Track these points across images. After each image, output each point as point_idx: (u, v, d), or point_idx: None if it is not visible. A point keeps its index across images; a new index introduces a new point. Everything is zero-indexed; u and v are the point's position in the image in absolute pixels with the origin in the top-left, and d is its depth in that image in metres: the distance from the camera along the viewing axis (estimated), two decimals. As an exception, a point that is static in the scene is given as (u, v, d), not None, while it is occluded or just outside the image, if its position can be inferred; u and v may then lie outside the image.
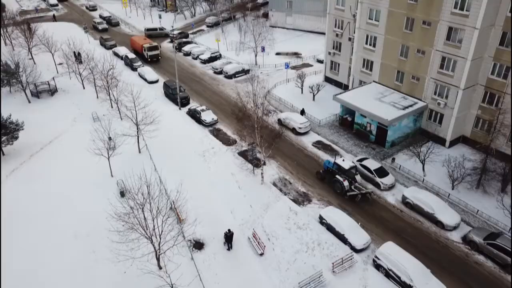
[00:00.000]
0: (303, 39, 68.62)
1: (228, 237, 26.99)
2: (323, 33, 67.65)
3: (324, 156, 37.57)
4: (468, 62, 33.76)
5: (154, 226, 23.36)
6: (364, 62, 44.06)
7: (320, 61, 59.24)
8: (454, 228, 28.90)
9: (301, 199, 32.50)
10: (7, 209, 31.05)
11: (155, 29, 71.95)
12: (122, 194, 31.98)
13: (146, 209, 24.04)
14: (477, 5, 31.85)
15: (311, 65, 59.07)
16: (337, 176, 32.55)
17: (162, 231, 23.79)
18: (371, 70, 43.47)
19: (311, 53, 62.33)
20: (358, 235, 27.83)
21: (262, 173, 33.46)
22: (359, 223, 28.78)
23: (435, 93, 37.64)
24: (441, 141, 37.98)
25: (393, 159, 36.34)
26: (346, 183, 31.88)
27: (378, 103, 39.22)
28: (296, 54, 62.77)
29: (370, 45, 42.56)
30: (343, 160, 32.92)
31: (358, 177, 32.62)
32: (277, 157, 37.03)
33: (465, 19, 33.04)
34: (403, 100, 39.28)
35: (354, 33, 45.13)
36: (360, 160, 35.10)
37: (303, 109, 43.33)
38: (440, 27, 35.02)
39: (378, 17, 40.45)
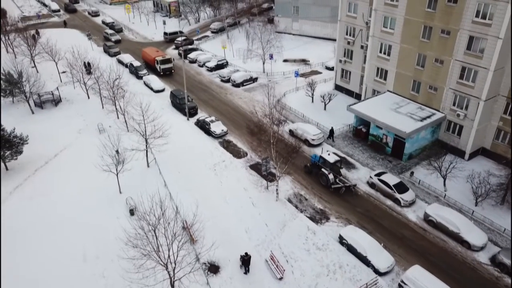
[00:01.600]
0: (310, 45, 67.41)
1: (245, 261, 25.62)
2: (330, 39, 67.25)
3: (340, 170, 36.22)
4: (491, 72, 32.49)
5: (169, 251, 21.98)
6: (377, 71, 42.80)
7: (329, 68, 58.10)
8: (481, 248, 27.54)
9: (319, 217, 31.14)
10: (11, 228, 29.67)
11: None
12: (132, 212, 30.63)
13: (160, 232, 22.75)
14: (501, 14, 30.62)
15: (320, 73, 57.83)
16: (322, 169, 33.92)
17: (177, 256, 22.42)
18: (385, 79, 42.20)
19: (319, 60, 61.12)
20: (381, 256, 26.46)
21: (277, 189, 32.10)
22: (382, 244, 27.41)
23: (454, 104, 36.34)
24: (460, 153, 36.65)
25: (412, 173, 35.01)
26: (331, 176, 33.30)
27: (394, 114, 37.91)
28: (304, 61, 61.52)
29: (384, 53, 41.30)
30: (329, 154, 34.37)
31: (342, 171, 34.67)
32: (290, 170, 35.65)
33: (487, 28, 31.78)
34: (420, 111, 37.98)
35: (367, 41, 43.99)
36: (378, 175, 33.76)
37: (332, 128, 40.50)
38: (460, 36, 33.76)
39: (393, 25, 39.20)
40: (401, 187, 32.34)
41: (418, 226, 29.98)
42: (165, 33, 72.31)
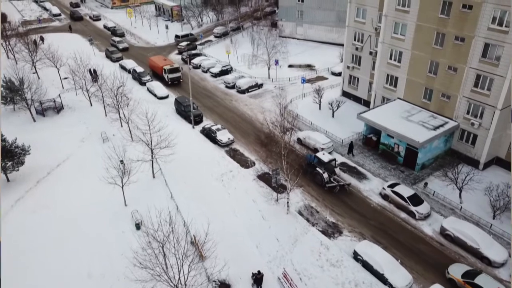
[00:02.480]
0: (316, 50, 66.45)
1: (258, 279, 24.57)
2: (336, 44, 66.37)
3: (351, 180, 35.22)
4: (507, 81, 31.52)
5: (179, 273, 20.93)
6: (387, 78, 41.83)
7: (335, 74, 57.17)
8: (502, 265, 26.50)
9: (331, 231, 30.09)
10: (12, 243, 28.52)
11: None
12: (138, 226, 29.57)
13: (168, 250, 21.77)
14: (519, 21, 29.72)
15: (326, 78, 56.89)
16: (317, 168, 34.33)
17: (187, 277, 21.39)
18: (395, 86, 41.23)
19: (324, 65, 60.16)
20: (398, 274, 25.41)
21: (288, 202, 31.04)
22: (399, 260, 26.36)
23: (468, 113, 35.36)
24: (474, 162, 35.66)
25: (426, 184, 33.98)
26: (325, 175, 33.74)
27: (406, 122, 36.92)
28: (310, 67, 60.53)
29: (394, 60, 40.35)
30: (323, 154, 35.00)
31: (337, 170, 34.83)
32: (302, 183, 34.50)
33: (504, 35, 30.85)
34: (432, 119, 36.99)
35: (376, 47, 43.06)
36: (392, 186, 32.73)
37: (352, 143, 38.91)
38: (475, 43, 32.82)
39: (404, 32, 38.26)
40: (416, 199, 31.31)
41: (434, 240, 28.93)
42: (176, 36, 71.99)
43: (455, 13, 33.50)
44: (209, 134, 42.15)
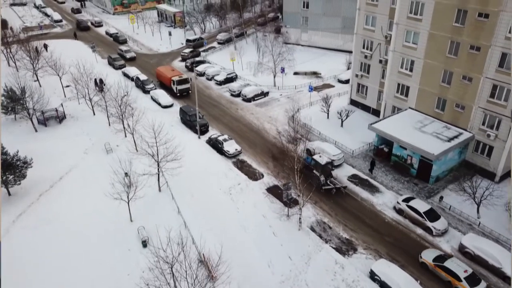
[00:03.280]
0: (321, 57, 65.46)
1: (272, 302, 23.42)
2: (341, 50, 65.50)
3: (363, 194, 34.17)
4: (526, 92, 30.58)
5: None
6: (398, 87, 40.85)
7: (342, 81, 56.22)
8: (526, 285, 25.39)
9: (345, 248, 28.95)
10: (13, 261, 27.38)
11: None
12: (144, 244, 28.41)
13: (177, 271, 20.69)
14: (539, 30, 28.75)
15: (333, 86, 55.92)
16: (314, 171, 34.43)
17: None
18: (406, 96, 40.23)
19: (331, 72, 59.23)
20: (418, 296, 24.32)
21: (300, 218, 29.92)
22: (418, 281, 25.21)
23: (483, 124, 34.35)
24: (489, 175, 34.60)
25: (441, 198, 32.89)
26: (322, 178, 33.85)
27: (419, 133, 35.89)
28: (315, 74, 59.57)
29: (406, 69, 39.38)
30: (320, 157, 34.95)
31: (334, 172, 35.21)
32: (317, 199, 33.33)
33: (522, 45, 29.91)
34: (446, 130, 35.97)
35: (386, 55, 42.13)
36: (406, 200, 31.63)
37: (373, 160, 37.21)
38: (491, 53, 31.86)
39: (417, 40, 37.32)
40: (432, 215, 30.21)
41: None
42: (187, 40, 71.85)
43: (471, 22, 32.57)
44: (215, 145, 41.07)
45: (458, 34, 33.78)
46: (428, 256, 26.92)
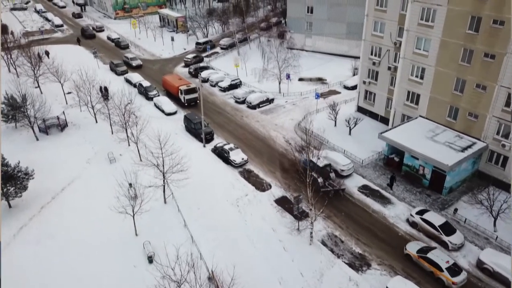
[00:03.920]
0: (326, 63, 64.57)
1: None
2: (346, 56, 64.68)
3: (375, 206, 33.20)
4: (543, 101, 29.68)
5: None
6: (408, 95, 39.95)
7: (348, 88, 55.35)
8: (549, 304, 24.39)
9: (358, 263, 27.93)
10: (14, 278, 26.32)
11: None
12: (150, 260, 27.39)
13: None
14: (557, 38, 27.88)
15: (339, 92, 55.03)
16: (312, 173, 33.42)
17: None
18: (417, 103, 39.33)
19: (336, 78, 58.34)
20: (437, 315, 23.35)
21: (311, 233, 28.91)
22: (437, 300, 24.26)
23: (498, 133, 33.43)
24: (503, 186, 33.63)
25: (456, 210, 31.91)
26: (320, 180, 33.48)
27: (431, 143, 34.96)
28: (321, 80, 58.72)
29: (416, 76, 38.51)
30: (319, 159, 33.77)
31: (332, 175, 34.93)
32: (330, 214, 32.28)
33: (540, 53, 29.05)
34: (458, 140, 35.04)
35: (395, 62, 41.29)
36: (420, 213, 30.65)
37: (393, 176, 35.23)
38: (507, 61, 30.97)
39: (428, 47, 36.46)
40: (448, 228, 29.24)
41: (471, 275, 26.79)
42: (197, 43, 71.85)
43: (485, 29, 31.71)
44: (221, 154, 40.09)
45: (471, 42, 32.91)
46: (412, 248, 27.91)
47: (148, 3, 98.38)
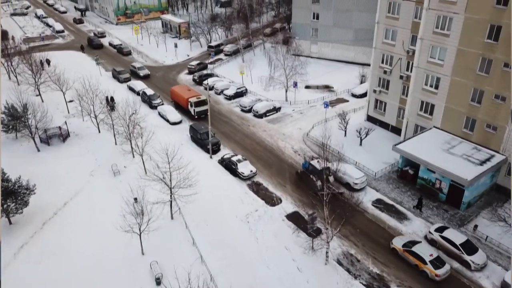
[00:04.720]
0: (335, 71, 63.10)
1: None
2: (352, 63, 63.52)
3: (391, 222, 31.89)
4: None
5: None
6: (422, 105, 38.72)
7: (356, 96, 54.17)
8: None
9: (377, 285, 26.58)
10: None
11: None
12: (158, 282, 26.01)
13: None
14: None
15: (347, 101, 53.81)
16: (311, 176, 34.52)
17: None
18: (431, 114, 38.09)
19: (344, 86, 57.14)
20: None
21: (327, 253, 27.56)
22: (462, 326, 22.90)
23: (518, 146, 32.23)
24: (523, 200, 32.37)
25: (476, 227, 30.60)
26: (319, 183, 33.18)
27: (448, 156, 33.69)
28: (328, 88, 57.53)
29: (431, 86, 37.29)
30: (318, 162, 35.23)
31: (331, 178, 34.41)
32: (347, 233, 30.87)
33: None
34: (476, 152, 33.79)
35: (407, 70, 40.12)
36: (440, 230, 29.33)
37: (421, 197, 33.19)
38: (529, 72, 29.82)
39: (443, 56, 35.28)
40: (470, 247, 27.92)
41: (497, 297, 25.49)
42: (209, 46, 71.87)
43: (505, 38, 30.52)
44: (229, 166, 38.79)
45: (490, 51, 31.74)
46: (398, 242, 28.69)
47: (150, 8, 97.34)
